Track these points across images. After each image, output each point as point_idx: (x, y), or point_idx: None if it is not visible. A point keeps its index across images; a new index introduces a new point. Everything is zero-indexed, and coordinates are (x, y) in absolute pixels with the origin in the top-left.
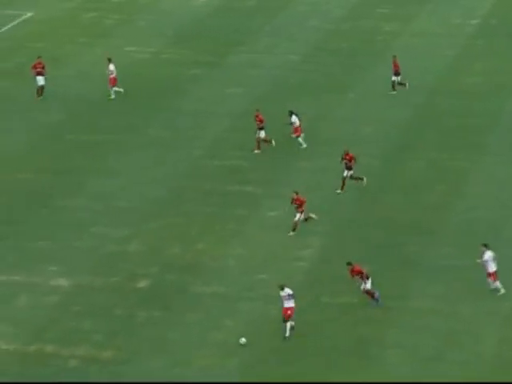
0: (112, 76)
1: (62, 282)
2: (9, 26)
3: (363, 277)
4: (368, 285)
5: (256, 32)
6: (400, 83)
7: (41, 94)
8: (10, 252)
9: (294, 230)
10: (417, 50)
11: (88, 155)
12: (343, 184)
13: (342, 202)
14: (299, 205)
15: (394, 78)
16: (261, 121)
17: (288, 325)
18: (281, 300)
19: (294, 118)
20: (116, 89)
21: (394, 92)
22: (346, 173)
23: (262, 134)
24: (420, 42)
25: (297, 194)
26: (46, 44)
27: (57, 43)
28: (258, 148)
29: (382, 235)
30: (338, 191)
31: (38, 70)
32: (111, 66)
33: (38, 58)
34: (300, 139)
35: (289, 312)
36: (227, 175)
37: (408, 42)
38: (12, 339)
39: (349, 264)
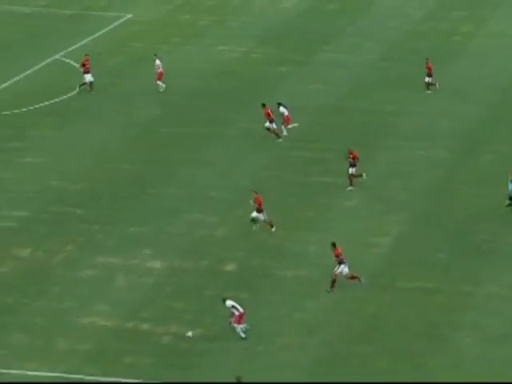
0: (159, 70)
1: (156, 264)
2: (110, 27)
3: (338, 261)
4: (340, 270)
5: (339, 33)
6: (431, 84)
7: (91, 88)
8: (111, 236)
9: (271, 226)
10: (491, 50)
11: (181, 147)
12: (351, 181)
13: (418, 192)
14: (259, 204)
15: (427, 79)
16: (268, 114)
17: (240, 327)
18: (230, 311)
19: (282, 109)
20: (159, 83)
21: (429, 92)
22: (350, 170)
23: (274, 125)
24: (494, 42)
25: (256, 193)
26: (144, 44)
27: (154, 43)
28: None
29: (456, 224)
30: (349, 188)
31: (87, 67)
32: (157, 61)
33: (86, 55)
34: (289, 126)
35: (241, 319)
36: (309, 166)
37: (482, 43)
38: (111, 317)
39: (333, 245)
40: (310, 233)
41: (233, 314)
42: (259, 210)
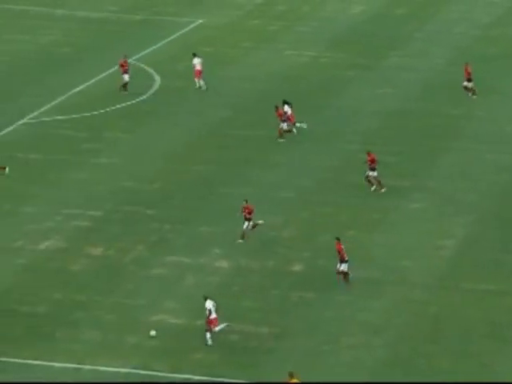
0: (197, 69)
1: (224, 263)
2: (182, 32)
3: (340, 258)
4: (342, 267)
5: (407, 38)
6: (469, 88)
7: (126, 90)
8: (181, 236)
9: (242, 238)
10: None
11: (250, 148)
12: (371, 182)
13: (484, 194)
14: (248, 213)
15: (465, 83)
16: (280, 115)
17: (209, 334)
18: (207, 311)
19: (287, 108)
20: (198, 81)
21: (475, 96)
22: (370, 173)
23: (285, 126)
24: None
25: (246, 202)
26: (215, 48)
27: (224, 47)
28: (281, 137)
29: None
30: (373, 188)
31: (126, 68)
32: (195, 60)
33: (124, 56)
34: (297, 124)
35: (214, 323)
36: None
37: None
38: (180, 314)
39: (337, 239)
40: (375, 234)
41: (208, 315)
42: (247, 219)
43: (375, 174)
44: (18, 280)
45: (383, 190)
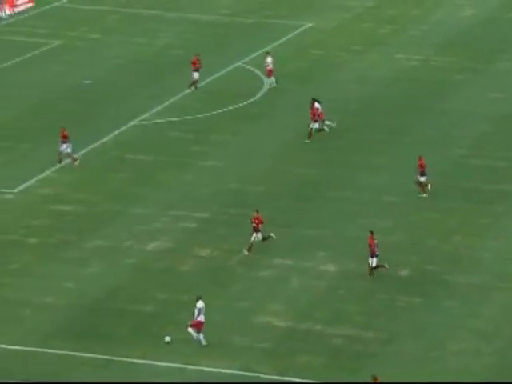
0: (268, 68)
1: (330, 267)
2: (292, 35)
3: (371, 251)
4: (373, 262)
5: None
6: None
7: (195, 87)
8: (287, 238)
9: (249, 249)
10: None
11: (358, 151)
12: (422, 188)
13: None
14: (257, 224)
15: None
16: (314, 115)
17: (201, 335)
18: (197, 310)
19: (317, 105)
20: (270, 79)
21: None
22: (420, 178)
23: (316, 125)
24: None
25: (257, 212)
26: (325, 51)
27: (334, 50)
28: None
29: None
30: (423, 195)
31: (197, 66)
32: (268, 59)
33: (196, 55)
34: (326, 122)
35: (199, 326)
36: (486, 173)
37: None
38: (285, 317)
39: (371, 232)
40: (485, 239)
41: (197, 315)
42: (256, 230)
43: (424, 178)
44: (127, 279)
45: (425, 196)
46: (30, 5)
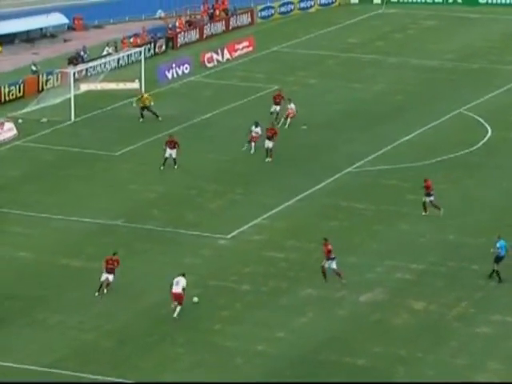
0: (290, 112)
1: None
2: None
3: (327, 257)
4: (332, 265)
5: None
6: None
7: (278, 121)
8: (508, 294)
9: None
10: None
11: None
12: (437, 207)
13: None
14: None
15: None
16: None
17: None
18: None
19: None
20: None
21: None
22: (426, 199)
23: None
24: None
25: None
26: None
27: None
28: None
29: None
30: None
31: (277, 101)
32: (291, 105)
33: (278, 91)
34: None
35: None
36: None
37: None
38: (504, 375)
39: (325, 240)
40: None
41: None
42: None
43: (431, 198)
44: (339, 331)
45: (424, 214)
46: (250, 49)
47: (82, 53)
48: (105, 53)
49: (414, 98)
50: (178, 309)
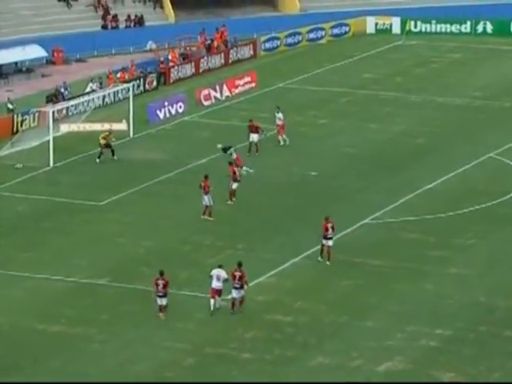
0: (279, 123)
1: None
2: None
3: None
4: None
5: None
6: None
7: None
8: None
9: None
10: None
11: None
12: None
13: None
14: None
15: None
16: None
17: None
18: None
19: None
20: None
21: None
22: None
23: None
24: None
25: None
26: None
27: None
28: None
29: None
30: None
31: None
32: (279, 115)
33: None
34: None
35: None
36: None
37: None
38: None
39: (326, 219)
40: None
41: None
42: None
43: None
44: None
45: None
46: (252, 85)
47: (62, 89)
48: (88, 89)
49: (437, 140)
50: (219, 303)
